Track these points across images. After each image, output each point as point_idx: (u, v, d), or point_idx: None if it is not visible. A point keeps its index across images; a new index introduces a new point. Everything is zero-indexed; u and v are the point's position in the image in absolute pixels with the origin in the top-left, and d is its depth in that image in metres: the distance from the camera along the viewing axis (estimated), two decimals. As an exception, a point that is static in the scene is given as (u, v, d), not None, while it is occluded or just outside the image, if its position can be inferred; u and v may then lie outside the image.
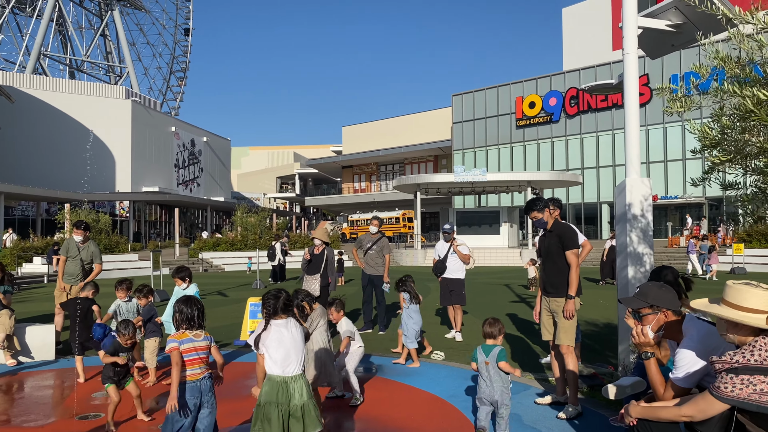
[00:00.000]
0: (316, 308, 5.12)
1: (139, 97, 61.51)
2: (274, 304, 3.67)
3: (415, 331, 7.43)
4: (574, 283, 5.41)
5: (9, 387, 6.68)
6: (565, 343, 5.39)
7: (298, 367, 3.56)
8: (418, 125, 59.74)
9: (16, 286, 17.15)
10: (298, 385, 3.51)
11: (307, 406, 3.49)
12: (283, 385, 3.49)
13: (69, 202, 40.18)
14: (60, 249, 9.01)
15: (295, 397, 3.48)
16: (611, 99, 42.91)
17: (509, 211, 33.78)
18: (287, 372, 3.52)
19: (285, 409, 3.44)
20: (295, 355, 3.55)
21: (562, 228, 5.62)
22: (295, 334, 3.62)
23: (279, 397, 3.47)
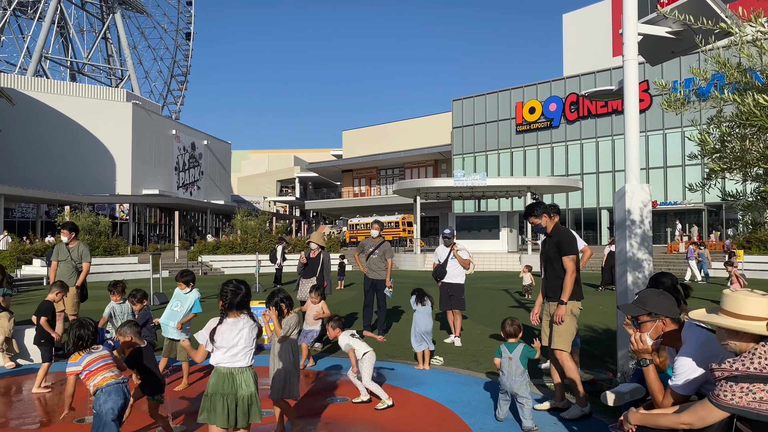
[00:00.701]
0: (292, 315, 5.10)
1: (140, 100, 61.60)
2: (231, 299, 3.78)
3: (416, 334, 7.42)
4: (567, 288, 5.39)
5: (7, 389, 6.67)
6: (558, 346, 5.39)
7: (245, 360, 3.68)
8: (418, 130, 59.80)
9: (15, 288, 17.14)
10: (244, 377, 3.64)
11: (253, 397, 3.65)
12: (229, 377, 3.62)
13: (69, 205, 40.23)
14: (51, 254, 9.00)
15: (241, 387, 3.62)
16: (611, 105, 42.97)
17: (509, 216, 33.78)
18: (234, 364, 3.65)
19: (231, 399, 3.58)
20: (242, 350, 3.68)
21: (560, 233, 5.63)
22: (245, 331, 3.72)
23: (225, 387, 3.61)
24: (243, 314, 3.81)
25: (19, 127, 49.81)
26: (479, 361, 7.81)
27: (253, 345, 3.77)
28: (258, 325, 3.90)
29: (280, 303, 5.04)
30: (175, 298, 6.63)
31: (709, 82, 4.13)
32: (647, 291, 3.54)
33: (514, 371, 5.08)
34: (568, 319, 5.41)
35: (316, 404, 5.79)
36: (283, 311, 5.05)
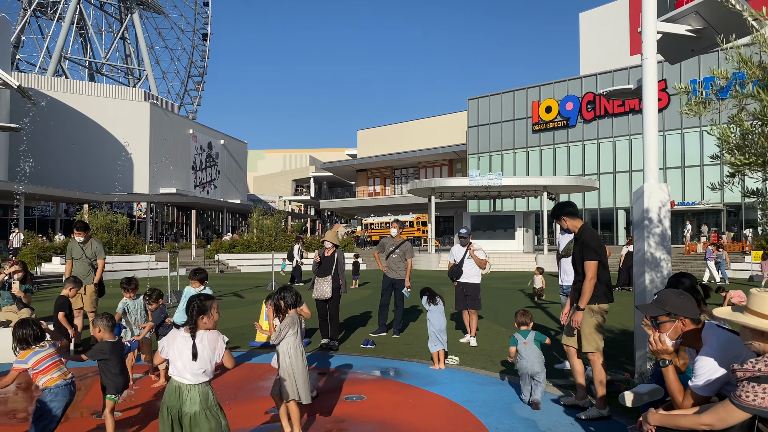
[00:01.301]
0: (287, 316, 4.88)
1: (158, 100, 62.12)
2: (191, 315, 3.70)
3: (432, 333, 7.42)
4: (584, 294, 5.33)
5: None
6: (588, 350, 5.36)
7: (195, 378, 3.56)
8: (433, 129, 59.70)
9: (36, 285, 17.37)
10: (191, 394, 3.53)
11: (198, 416, 3.50)
12: (177, 390, 3.56)
13: (87, 203, 40.67)
14: (65, 253, 9.08)
15: (186, 404, 3.52)
16: (628, 104, 42.58)
17: (525, 216, 33.61)
18: (183, 380, 3.57)
19: (175, 413, 3.51)
20: (190, 367, 3.56)
21: (585, 236, 5.51)
22: (198, 348, 3.60)
23: (170, 400, 3.56)
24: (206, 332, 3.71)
25: (39, 127, 50.42)
26: (495, 361, 7.79)
27: (206, 365, 3.61)
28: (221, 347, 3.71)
29: (278, 300, 4.92)
30: (185, 297, 6.63)
31: (729, 82, 4.08)
32: (667, 291, 3.51)
33: (530, 354, 5.77)
34: (593, 322, 5.35)
35: (331, 402, 5.80)
36: (281, 309, 4.92)
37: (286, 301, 4.89)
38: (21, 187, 39.38)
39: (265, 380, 6.66)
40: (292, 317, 4.83)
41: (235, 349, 8.67)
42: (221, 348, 3.71)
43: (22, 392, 6.42)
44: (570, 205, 5.78)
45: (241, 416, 5.42)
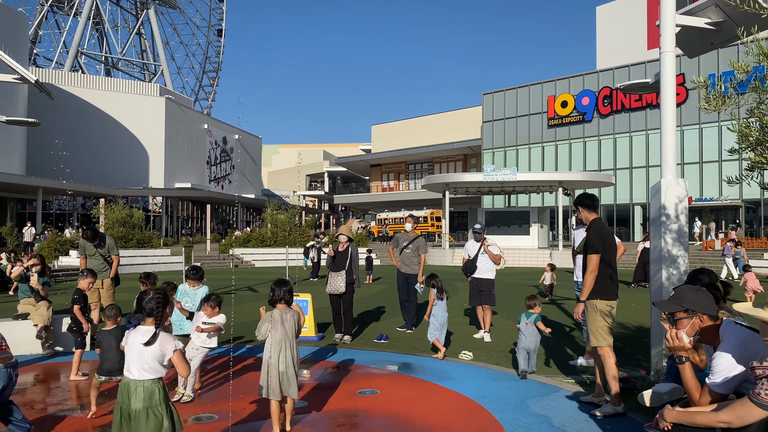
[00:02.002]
0: (266, 313, 4.78)
1: (173, 95, 62.51)
2: (140, 305, 3.74)
3: (433, 324, 7.62)
4: (585, 286, 5.37)
5: (46, 376, 6.85)
6: (595, 344, 5.38)
7: (140, 373, 3.53)
8: (447, 124, 59.51)
9: (53, 278, 17.57)
10: (138, 390, 3.49)
11: (142, 413, 3.44)
12: (126, 386, 3.55)
13: (104, 197, 41.09)
14: (78, 249, 9.16)
15: (132, 400, 3.48)
16: (645, 99, 42.12)
17: (539, 212, 33.42)
18: (130, 375, 3.55)
19: (125, 408, 3.49)
20: (136, 362, 3.54)
21: (590, 230, 5.55)
22: (143, 343, 3.58)
23: (122, 395, 3.54)
24: (153, 324, 3.68)
25: (57, 121, 50.93)
26: (509, 357, 7.76)
27: (153, 363, 3.56)
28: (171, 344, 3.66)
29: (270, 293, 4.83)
30: (184, 295, 6.46)
31: (749, 75, 4.01)
32: (684, 287, 3.47)
33: (530, 333, 6.63)
34: (598, 317, 5.34)
35: (344, 396, 5.81)
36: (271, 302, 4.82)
37: (274, 294, 4.78)
38: (39, 181, 39.88)
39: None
40: (272, 313, 4.71)
41: (248, 343, 8.72)
42: (171, 350, 3.63)
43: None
44: (591, 198, 5.73)
45: (246, 410, 5.44)
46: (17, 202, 45.84)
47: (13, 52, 34.35)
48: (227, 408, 5.46)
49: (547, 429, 4.87)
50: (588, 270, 5.36)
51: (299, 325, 4.78)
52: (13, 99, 42.39)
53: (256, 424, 5.02)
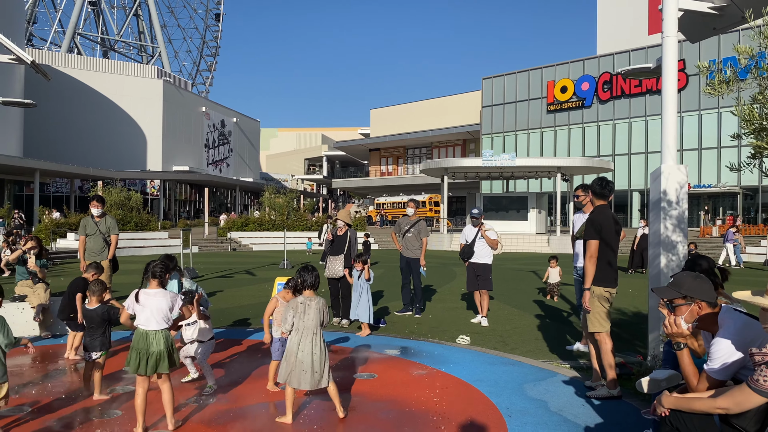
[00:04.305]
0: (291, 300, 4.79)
1: (171, 77, 62.07)
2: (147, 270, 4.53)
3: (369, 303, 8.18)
4: (587, 273, 5.37)
5: (43, 358, 6.85)
6: (593, 330, 5.42)
7: (157, 324, 4.39)
8: (446, 109, 59.26)
9: (51, 260, 17.55)
10: (156, 337, 4.37)
11: (163, 353, 4.37)
12: (144, 336, 4.38)
13: (102, 180, 40.97)
14: (78, 230, 9.09)
15: (152, 345, 4.35)
16: (645, 84, 41.94)
17: (538, 197, 33.40)
18: (148, 327, 4.38)
19: (144, 352, 4.34)
20: (154, 316, 4.39)
21: (591, 216, 5.53)
22: (159, 301, 4.42)
23: (139, 343, 4.37)
24: (160, 288, 4.52)
25: (54, 103, 50.64)
26: (506, 342, 7.78)
27: (167, 314, 4.43)
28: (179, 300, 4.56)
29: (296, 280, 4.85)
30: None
31: (751, 63, 3.97)
32: (683, 274, 3.45)
33: None
34: (595, 302, 5.38)
35: (342, 381, 5.82)
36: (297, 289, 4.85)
37: (303, 280, 4.78)
38: (36, 163, 39.70)
39: (262, 360, 6.69)
40: (296, 301, 4.69)
41: (246, 326, 8.74)
42: (177, 304, 4.53)
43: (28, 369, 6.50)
44: (601, 185, 5.62)
45: (251, 393, 5.46)
46: (14, 184, 45.71)
47: (8, 31, 33.97)
48: (236, 393, 5.47)
49: (543, 413, 4.89)
50: (587, 256, 5.37)
51: (325, 312, 4.69)
52: (10, 80, 42.09)
53: (276, 407, 5.03)
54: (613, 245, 5.46)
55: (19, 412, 4.69)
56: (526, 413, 4.89)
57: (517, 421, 4.70)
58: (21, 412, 4.65)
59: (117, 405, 5.07)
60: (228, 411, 4.92)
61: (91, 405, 5.06)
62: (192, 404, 5.05)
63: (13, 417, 4.71)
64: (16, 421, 4.61)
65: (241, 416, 4.81)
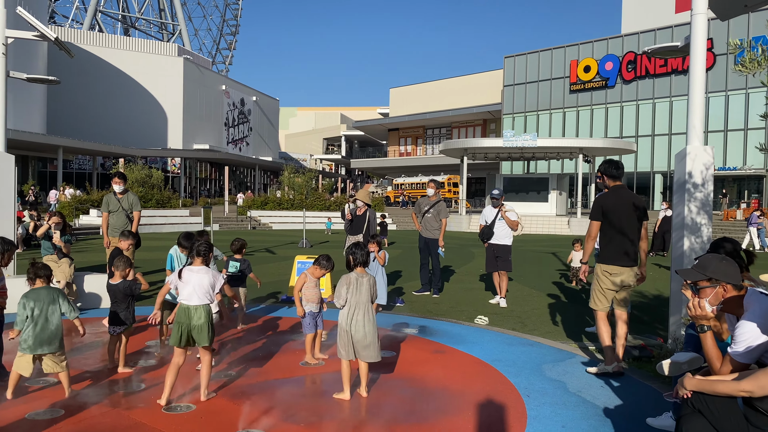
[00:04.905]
0: (343, 277, 4.87)
1: (191, 55, 62.19)
2: (198, 250, 4.73)
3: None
4: (584, 250, 5.71)
5: (68, 332, 6.98)
6: (590, 305, 5.67)
7: (198, 299, 4.58)
8: (467, 88, 58.70)
9: (74, 236, 17.84)
10: (197, 312, 4.56)
11: (203, 327, 4.55)
12: (186, 310, 4.56)
13: (123, 157, 41.40)
14: (101, 206, 9.22)
15: (193, 318, 4.54)
16: (671, 64, 41.14)
17: (559, 179, 33.09)
18: (190, 302, 4.57)
19: (185, 326, 4.54)
20: (195, 293, 4.57)
21: (598, 196, 5.73)
22: (201, 278, 4.61)
23: (181, 317, 4.57)
24: (203, 265, 4.70)
25: (76, 81, 51.03)
26: (525, 323, 7.77)
27: (208, 291, 4.61)
28: (221, 278, 4.77)
29: (348, 256, 4.92)
30: (180, 261, 6.41)
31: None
32: (708, 256, 3.40)
33: None
34: (594, 280, 5.59)
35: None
36: (349, 266, 4.92)
37: (355, 258, 4.87)
38: (59, 140, 40.17)
39: (296, 333, 6.76)
40: (350, 276, 4.81)
41: (266, 303, 8.82)
42: (219, 282, 4.73)
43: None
44: (614, 166, 5.69)
45: (276, 369, 5.52)
46: (38, 160, 46.35)
47: (32, 8, 34.20)
48: (265, 368, 5.55)
49: (562, 394, 4.89)
50: (586, 234, 5.66)
51: (375, 289, 4.86)
52: (33, 58, 42.47)
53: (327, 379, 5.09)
54: (624, 225, 5.47)
55: (45, 383, 4.80)
56: (545, 393, 4.89)
57: (535, 401, 4.70)
58: (47, 383, 4.75)
59: (141, 378, 5.17)
60: (256, 385, 4.99)
61: (116, 378, 5.16)
62: (222, 379, 5.11)
63: (37, 386, 4.82)
64: (40, 389, 4.73)
65: (269, 390, 4.87)
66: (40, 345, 4.51)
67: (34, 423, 4.13)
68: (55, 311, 4.61)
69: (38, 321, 4.52)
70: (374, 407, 4.56)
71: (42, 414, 4.29)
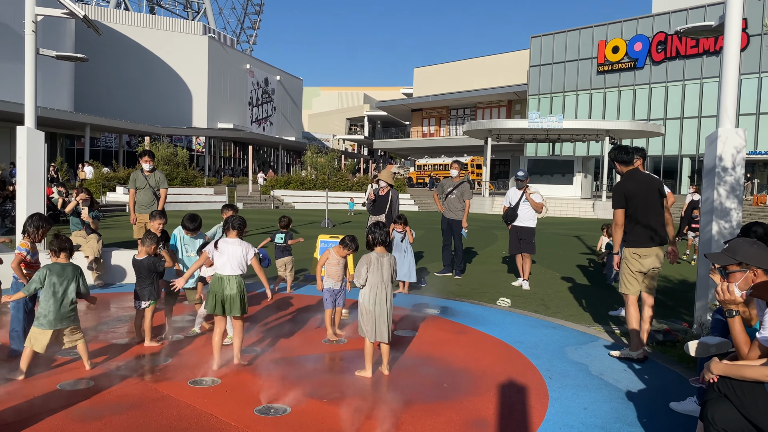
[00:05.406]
0: (363, 256, 4.85)
1: (216, 34, 62.26)
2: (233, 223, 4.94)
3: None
4: (614, 241, 5.63)
5: (96, 306, 7.14)
6: (620, 290, 5.64)
7: (232, 270, 4.80)
8: (492, 68, 57.96)
9: (101, 213, 18.14)
10: (230, 282, 4.78)
11: (235, 297, 4.77)
12: (219, 280, 4.80)
13: (149, 135, 41.81)
14: (128, 183, 9.34)
15: (227, 288, 4.76)
16: (702, 45, 40.12)
17: (584, 161, 32.68)
18: (224, 272, 4.80)
19: (219, 295, 4.76)
20: (229, 263, 4.80)
21: (616, 184, 5.66)
22: (235, 249, 4.82)
23: (216, 287, 4.79)
24: (237, 238, 4.91)
25: (103, 59, 51.40)
26: (548, 305, 7.74)
27: (241, 262, 4.82)
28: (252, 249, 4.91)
29: (368, 236, 4.95)
30: (183, 243, 6.44)
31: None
32: (739, 240, 3.35)
33: None
34: (623, 264, 5.53)
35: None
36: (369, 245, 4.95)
37: (375, 237, 4.91)
38: (86, 117, 40.69)
39: (318, 312, 6.82)
40: (370, 256, 4.84)
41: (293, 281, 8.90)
42: (251, 253, 4.89)
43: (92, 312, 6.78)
44: (624, 152, 5.64)
45: (299, 345, 5.59)
46: (66, 138, 47.01)
47: (60, -12, 34.39)
48: (287, 344, 5.62)
49: (584, 376, 4.87)
50: (612, 224, 5.59)
51: (395, 269, 4.91)
52: (61, 35, 42.85)
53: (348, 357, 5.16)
54: (648, 207, 5.42)
55: (75, 355, 4.91)
56: (567, 376, 4.88)
57: (557, 383, 4.70)
58: (77, 356, 4.87)
59: (168, 352, 5.27)
60: (279, 361, 5.06)
61: (143, 352, 5.27)
62: (247, 354, 5.19)
63: (67, 358, 4.94)
64: (70, 362, 4.85)
65: (292, 366, 4.93)
66: (60, 321, 4.56)
67: (66, 393, 4.25)
68: (75, 288, 4.68)
69: (61, 297, 4.57)
70: (395, 386, 4.59)
71: (73, 384, 4.41)
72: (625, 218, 5.45)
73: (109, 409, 3.97)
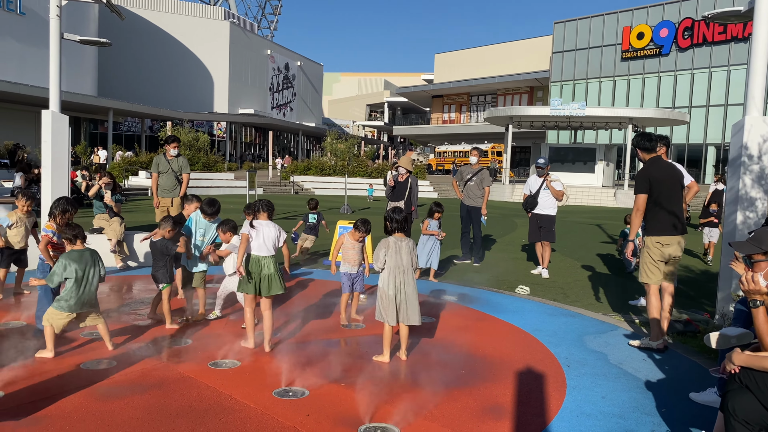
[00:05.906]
0: (381, 241, 4.89)
1: (237, 19, 62.29)
2: (265, 206, 5.08)
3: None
4: (631, 226, 5.56)
5: (119, 287, 7.26)
6: (640, 280, 5.55)
7: (268, 251, 4.95)
8: (514, 54, 57.31)
9: (124, 196, 18.36)
10: (267, 262, 4.94)
11: (273, 276, 4.95)
12: (257, 261, 4.94)
13: (171, 120, 42.11)
14: (151, 167, 9.44)
15: (264, 268, 4.93)
16: (730, 31, 39.19)
17: (606, 149, 32.24)
18: (260, 253, 4.94)
19: (257, 275, 4.93)
20: (265, 244, 4.94)
21: (640, 170, 5.57)
22: (270, 230, 4.97)
23: (254, 267, 4.94)
24: (269, 220, 5.05)
25: (125, 44, 51.75)
26: (567, 294, 7.70)
27: (275, 243, 4.98)
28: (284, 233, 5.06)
29: (385, 221, 4.97)
30: (198, 226, 6.25)
31: None
32: (765, 229, 3.29)
33: None
34: (644, 253, 5.45)
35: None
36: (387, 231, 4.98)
37: (393, 223, 4.91)
38: (110, 102, 41.10)
39: (337, 297, 6.85)
40: (388, 241, 4.84)
41: (309, 266, 8.95)
42: (283, 235, 5.06)
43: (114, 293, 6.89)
44: (646, 139, 5.56)
45: (318, 330, 5.64)
46: (90, 122, 47.55)
47: (83, -27, 34.65)
48: (307, 328, 5.67)
49: (603, 365, 4.85)
50: (633, 209, 5.49)
51: (415, 254, 4.88)
52: (84, 20, 43.21)
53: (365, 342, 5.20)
54: (670, 195, 5.37)
55: (97, 335, 5.00)
56: (585, 364, 4.86)
57: (575, 371, 4.68)
58: (98, 336, 4.95)
59: (188, 334, 5.35)
60: (298, 344, 5.11)
61: (163, 334, 5.35)
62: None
63: (89, 338, 5.04)
64: (92, 341, 4.94)
65: (311, 350, 4.97)
66: (81, 306, 4.68)
67: (89, 372, 4.33)
68: (96, 273, 4.78)
69: (83, 283, 4.67)
70: (413, 371, 4.61)
71: (95, 364, 4.49)
72: (648, 205, 5.38)
73: (130, 388, 4.04)
